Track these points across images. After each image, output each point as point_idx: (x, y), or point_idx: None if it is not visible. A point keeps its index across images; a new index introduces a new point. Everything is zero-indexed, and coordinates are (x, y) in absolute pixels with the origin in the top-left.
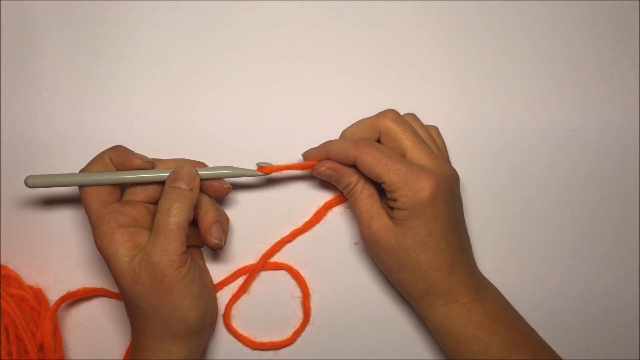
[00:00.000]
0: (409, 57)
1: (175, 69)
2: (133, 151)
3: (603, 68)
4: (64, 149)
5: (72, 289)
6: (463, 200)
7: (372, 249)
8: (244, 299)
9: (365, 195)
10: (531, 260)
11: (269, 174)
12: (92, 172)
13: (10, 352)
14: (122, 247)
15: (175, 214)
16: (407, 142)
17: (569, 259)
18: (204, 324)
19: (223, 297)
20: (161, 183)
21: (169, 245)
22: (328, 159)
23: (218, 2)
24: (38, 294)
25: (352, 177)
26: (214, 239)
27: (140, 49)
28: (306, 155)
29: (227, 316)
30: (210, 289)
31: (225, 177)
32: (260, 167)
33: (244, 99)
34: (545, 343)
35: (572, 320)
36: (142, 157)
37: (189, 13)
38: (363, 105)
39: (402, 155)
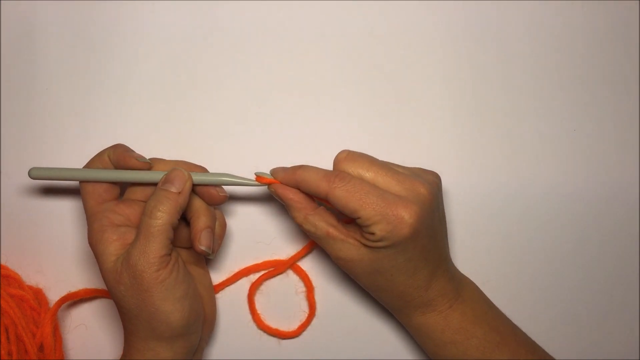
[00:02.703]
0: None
1: (176, 69)
2: (132, 150)
3: (603, 68)
4: (63, 149)
5: (73, 289)
6: (458, 198)
7: (348, 273)
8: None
9: (321, 234)
10: (531, 260)
11: (265, 184)
12: (92, 169)
13: (10, 352)
14: (110, 246)
15: (158, 217)
16: (368, 175)
17: (569, 259)
18: (191, 327)
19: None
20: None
21: (149, 247)
22: (298, 188)
23: (222, 3)
24: (38, 294)
25: (296, 213)
26: (201, 245)
27: (141, 49)
28: (275, 174)
29: (254, 287)
30: (206, 291)
31: (224, 185)
32: (259, 177)
33: (247, 107)
34: (528, 339)
35: (572, 320)
36: (139, 157)
37: (192, 14)
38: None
39: None
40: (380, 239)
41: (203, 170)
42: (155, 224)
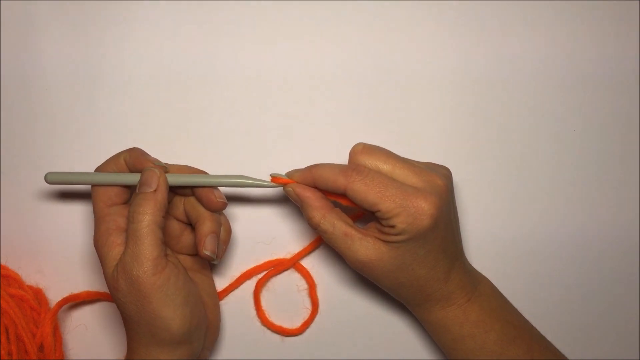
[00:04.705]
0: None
1: (178, 69)
2: (148, 154)
3: (603, 69)
4: (63, 150)
5: (73, 289)
6: (461, 187)
7: (366, 275)
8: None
9: (339, 233)
10: (531, 260)
11: (282, 185)
12: (107, 173)
13: (10, 352)
14: (113, 250)
15: (140, 220)
16: (386, 167)
17: (569, 259)
18: (193, 334)
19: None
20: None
21: (139, 250)
22: (315, 186)
23: (226, 2)
24: (38, 294)
25: (314, 212)
26: (206, 250)
27: (142, 50)
28: (290, 175)
29: (260, 284)
30: (209, 298)
31: (240, 187)
32: (274, 177)
33: (254, 110)
34: (539, 334)
35: (572, 319)
36: (155, 161)
37: (201, 14)
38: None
39: None
40: (400, 231)
41: (203, 174)
42: (140, 227)
